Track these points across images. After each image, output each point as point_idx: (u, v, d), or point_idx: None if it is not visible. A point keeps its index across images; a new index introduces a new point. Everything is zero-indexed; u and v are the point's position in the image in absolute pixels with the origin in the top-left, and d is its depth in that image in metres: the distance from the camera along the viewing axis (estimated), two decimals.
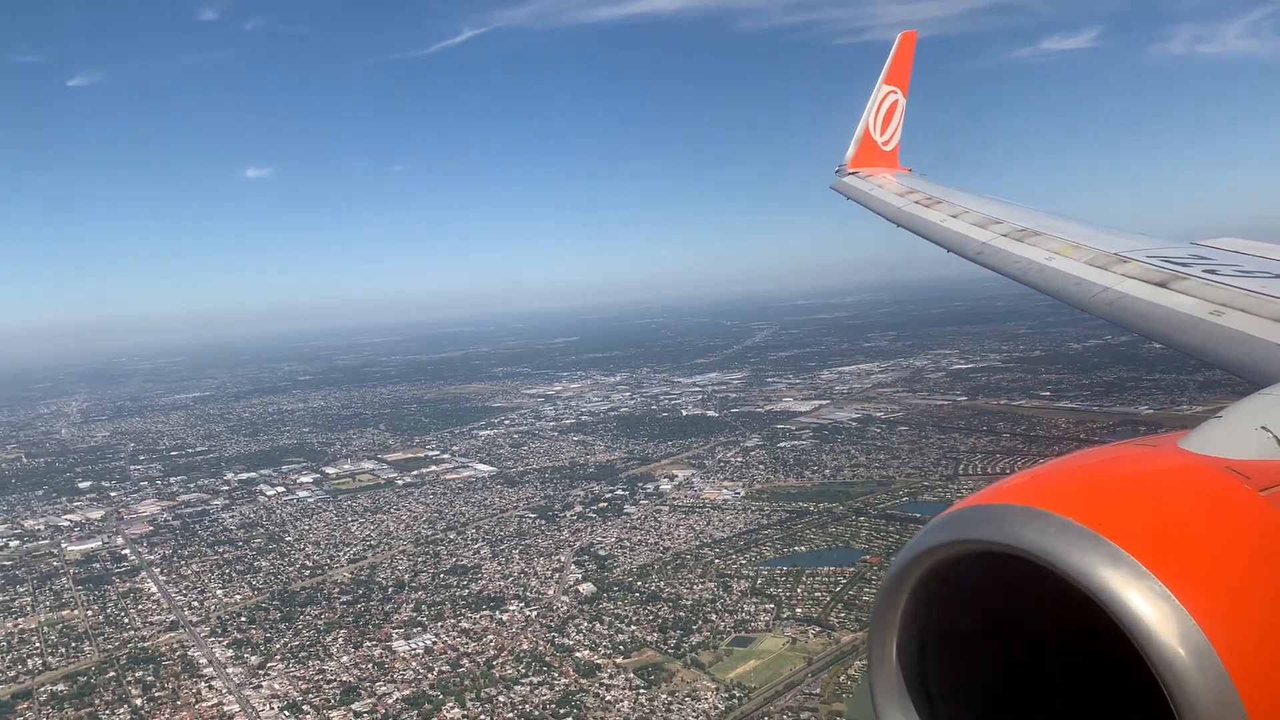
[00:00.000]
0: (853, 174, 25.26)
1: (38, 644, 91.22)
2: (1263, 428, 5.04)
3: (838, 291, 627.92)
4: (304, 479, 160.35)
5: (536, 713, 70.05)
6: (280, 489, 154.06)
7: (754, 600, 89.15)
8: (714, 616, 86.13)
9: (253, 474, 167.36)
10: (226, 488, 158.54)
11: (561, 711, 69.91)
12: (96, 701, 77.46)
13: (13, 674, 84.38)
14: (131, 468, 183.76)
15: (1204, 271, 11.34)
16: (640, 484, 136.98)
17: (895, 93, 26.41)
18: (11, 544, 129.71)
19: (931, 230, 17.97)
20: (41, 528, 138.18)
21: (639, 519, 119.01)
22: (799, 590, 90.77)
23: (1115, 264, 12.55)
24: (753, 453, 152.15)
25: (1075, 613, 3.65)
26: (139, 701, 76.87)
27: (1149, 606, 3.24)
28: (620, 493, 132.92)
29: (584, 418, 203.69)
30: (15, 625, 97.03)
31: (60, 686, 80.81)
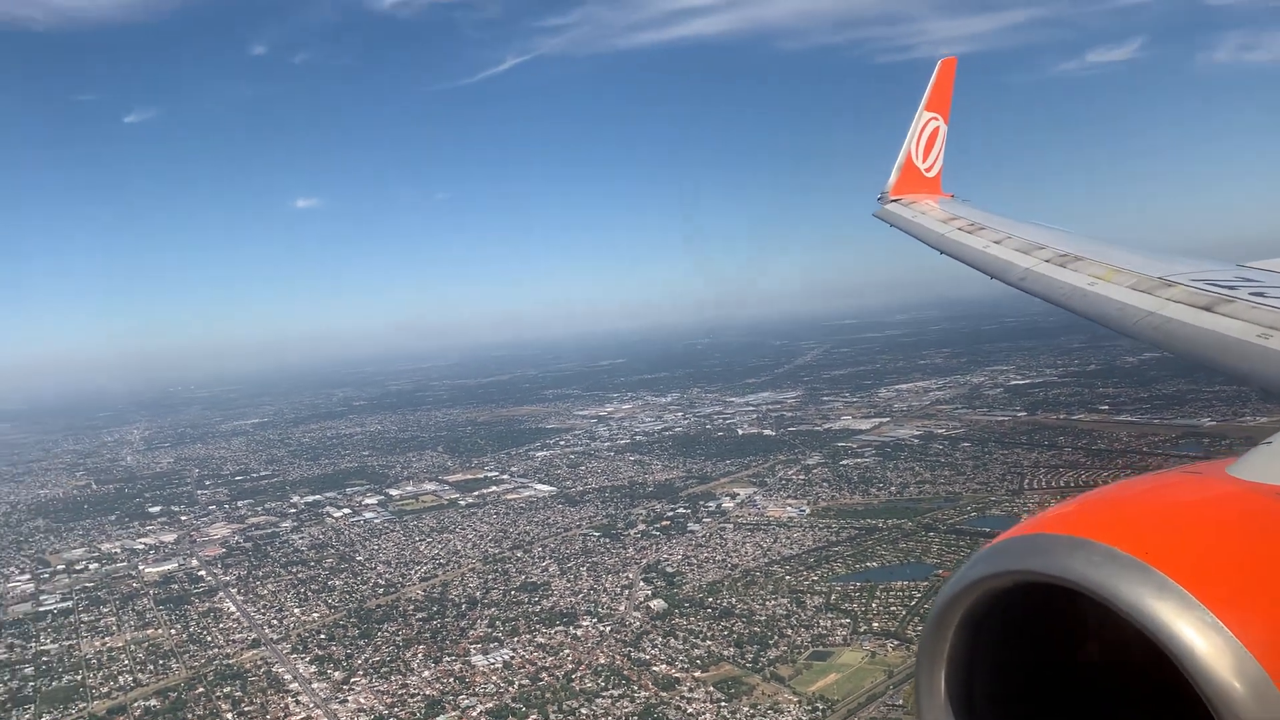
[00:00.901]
0: (895, 201, 25.63)
1: (127, 661, 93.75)
2: None
3: (886, 310, 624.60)
4: (368, 501, 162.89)
5: None
6: (346, 511, 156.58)
7: (829, 615, 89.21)
8: (789, 631, 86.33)
9: (318, 497, 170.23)
10: (293, 510, 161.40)
11: None
12: (188, 716, 79.54)
13: (106, 690, 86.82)
14: (199, 492, 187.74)
15: (1251, 294, 11.18)
16: (702, 502, 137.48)
17: (937, 119, 26.67)
18: (91, 566, 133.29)
19: (974, 257, 18.25)
20: (118, 551, 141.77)
21: (704, 536, 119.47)
22: (874, 605, 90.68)
23: (1159, 288, 12.43)
24: (814, 470, 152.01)
25: (1125, 643, 3.63)
26: (229, 716, 78.77)
27: (1200, 638, 3.15)
28: (682, 511, 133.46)
29: (638, 438, 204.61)
30: (104, 643, 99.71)
31: (153, 702, 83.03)
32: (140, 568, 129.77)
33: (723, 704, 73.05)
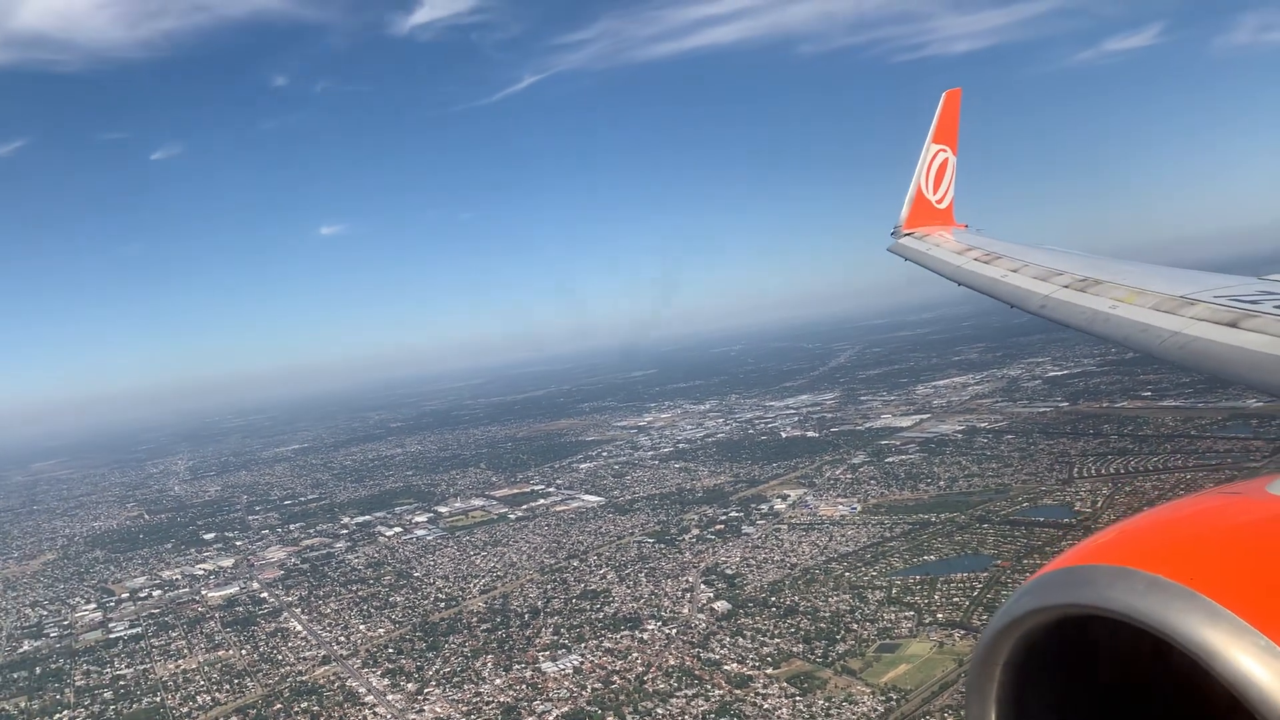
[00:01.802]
0: (909, 235, 25.58)
1: (202, 682, 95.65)
2: None
3: (913, 309, 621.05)
4: (419, 519, 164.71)
5: None
6: (398, 529, 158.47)
7: (893, 609, 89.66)
8: (855, 626, 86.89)
9: (367, 517, 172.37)
10: (345, 531, 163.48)
11: None
12: None
13: (186, 710, 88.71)
14: (250, 518, 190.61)
15: (1276, 307, 11.12)
16: (753, 505, 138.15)
17: (945, 151, 26.84)
18: (155, 594, 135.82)
19: (993, 287, 18.27)
20: (179, 577, 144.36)
21: (759, 538, 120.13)
22: (936, 597, 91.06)
23: (1182, 307, 12.33)
24: (861, 469, 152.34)
25: (1177, 672, 3.54)
26: None
27: (1257, 663, 3.05)
28: (735, 514, 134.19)
29: (681, 445, 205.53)
30: (177, 666, 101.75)
31: (234, 719, 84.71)
32: (203, 592, 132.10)
33: (797, 699, 73.72)
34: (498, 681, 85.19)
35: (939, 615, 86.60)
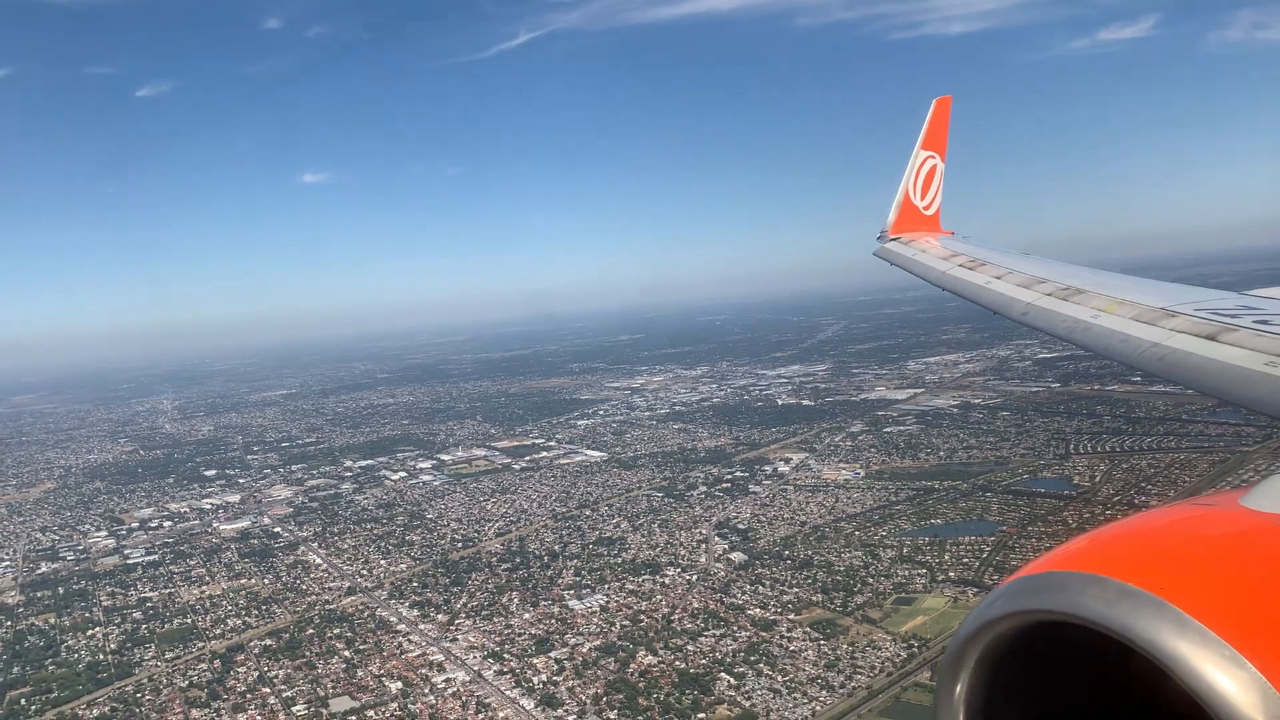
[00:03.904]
0: (895, 240, 25.81)
1: (230, 607, 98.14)
2: None
3: (897, 287, 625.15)
4: (422, 465, 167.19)
5: (729, 659, 75.16)
6: (402, 474, 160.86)
7: (905, 566, 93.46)
8: (870, 580, 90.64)
9: (370, 461, 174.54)
10: (349, 474, 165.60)
11: (753, 658, 74.91)
12: (307, 653, 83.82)
13: (219, 631, 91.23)
14: (249, 458, 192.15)
15: (1254, 322, 11.23)
16: (757, 466, 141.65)
17: (934, 157, 26.94)
18: (165, 524, 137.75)
19: (977, 293, 18.37)
20: (186, 510, 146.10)
21: (767, 497, 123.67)
22: (946, 557, 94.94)
23: (1162, 318, 12.48)
24: (860, 438, 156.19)
25: (1145, 680, 3.65)
26: (347, 654, 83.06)
27: (1223, 674, 3.13)
28: (740, 474, 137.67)
29: (677, 408, 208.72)
30: (202, 592, 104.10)
31: (268, 642, 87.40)
32: (215, 525, 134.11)
33: (821, 642, 77.44)
34: (526, 616, 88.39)
35: (950, 574, 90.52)
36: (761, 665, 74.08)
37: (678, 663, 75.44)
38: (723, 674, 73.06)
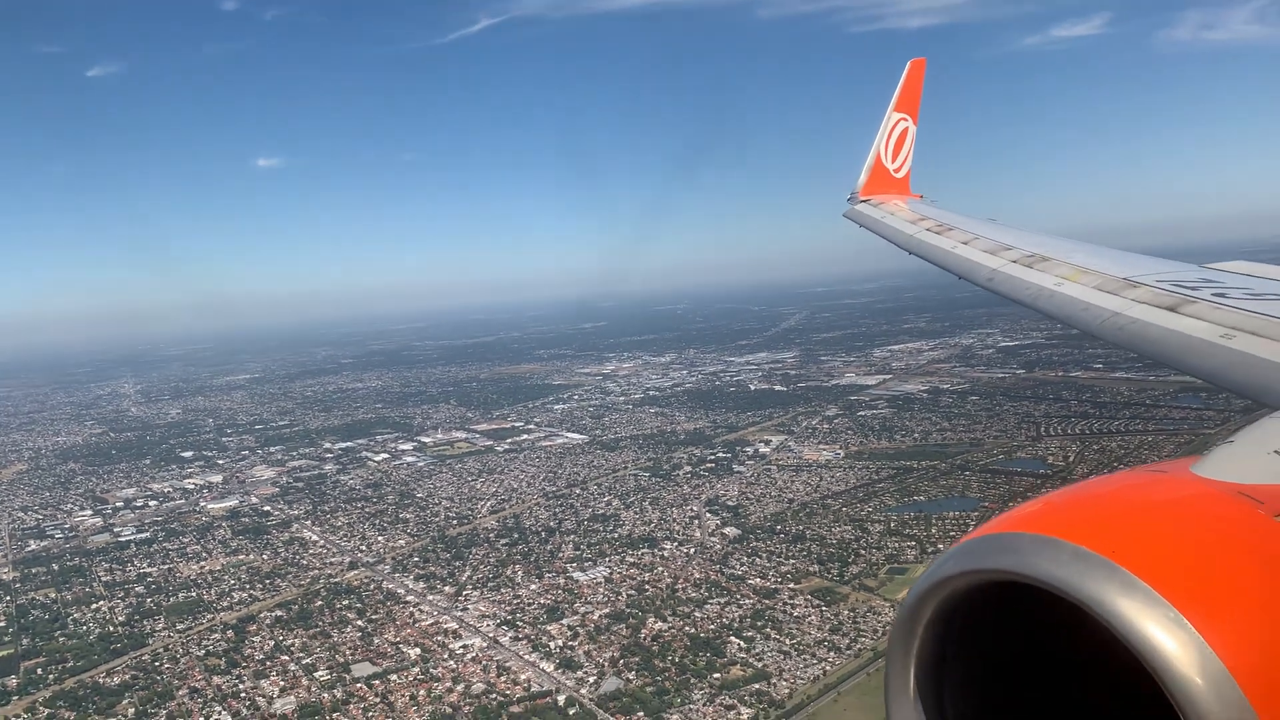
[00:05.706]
0: (865, 202, 26.00)
1: (233, 581, 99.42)
2: (1275, 452, 5.17)
3: (854, 279, 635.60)
4: (404, 447, 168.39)
5: (736, 624, 78.43)
6: (385, 455, 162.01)
7: (894, 539, 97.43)
8: (863, 552, 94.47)
9: (349, 443, 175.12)
10: (330, 455, 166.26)
11: (760, 623, 78.28)
12: (319, 623, 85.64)
13: (226, 604, 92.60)
14: (224, 439, 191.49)
15: (1213, 295, 11.41)
16: (738, 448, 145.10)
17: (906, 120, 26.92)
18: (151, 503, 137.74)
19: (943, 258, 18.53)
20: (170, 490, 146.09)
21: (752, 476, 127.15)
22: (933, 530, 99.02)
23: (1124, 289, 12.59)
24: (836, 420, 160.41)
25: (1093, 640, 3.69)
26: (360, 623, 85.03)
27: (1165, 634, 3.26)
28: (722, 455, 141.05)
29: (651, 393, 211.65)
30: (202, 567, 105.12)
31: (279, 613, 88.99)
32: (202, 504, 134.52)
33: (823, 608, 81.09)
34: (533, 587, 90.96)
35: (940, 545, 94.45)
36: (768, 630, 77.51)
37: (687, 628, 78.60)
38: (732, 638, 76.35)
